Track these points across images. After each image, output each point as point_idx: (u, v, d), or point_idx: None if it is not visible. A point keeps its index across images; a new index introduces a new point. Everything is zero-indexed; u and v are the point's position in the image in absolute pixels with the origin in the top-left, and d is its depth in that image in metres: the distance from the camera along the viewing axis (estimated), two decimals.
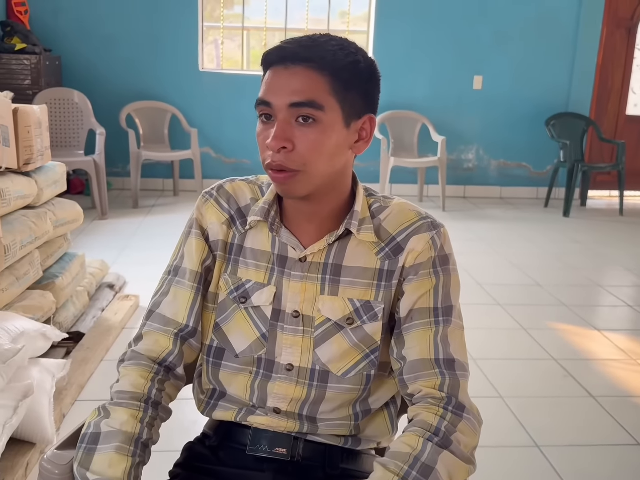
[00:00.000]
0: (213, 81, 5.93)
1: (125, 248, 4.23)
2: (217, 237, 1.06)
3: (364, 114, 0.97)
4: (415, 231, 1.02)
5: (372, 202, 1.06)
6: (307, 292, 1.02)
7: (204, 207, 1.07)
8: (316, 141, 0.92)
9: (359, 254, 1.02)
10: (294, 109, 0.91)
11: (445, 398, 0.96)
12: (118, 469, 0.90)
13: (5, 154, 2.29)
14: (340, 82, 0.92)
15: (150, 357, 1.03)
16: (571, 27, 6.18)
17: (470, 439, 0.94)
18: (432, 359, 0.99)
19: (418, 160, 5.86)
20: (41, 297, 2.45)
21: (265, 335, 1.04)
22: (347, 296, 1.02)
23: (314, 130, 0.92)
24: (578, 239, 5.04)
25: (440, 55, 6.12)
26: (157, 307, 1.06)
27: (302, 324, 1.03)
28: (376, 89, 0.99)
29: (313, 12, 6.17)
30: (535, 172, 6.51)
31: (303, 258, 1.02)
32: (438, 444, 0.91)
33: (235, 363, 1.06)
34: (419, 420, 0.95)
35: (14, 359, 1.82)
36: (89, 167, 4.93)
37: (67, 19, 5.68)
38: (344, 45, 0.94)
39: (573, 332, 3.16)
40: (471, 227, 5.20)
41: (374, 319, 1.02)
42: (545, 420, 2.32)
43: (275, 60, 0.93)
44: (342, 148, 0.96)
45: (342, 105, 0.93)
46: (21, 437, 1.87)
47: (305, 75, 0.91)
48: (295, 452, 1.05)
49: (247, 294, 1.04)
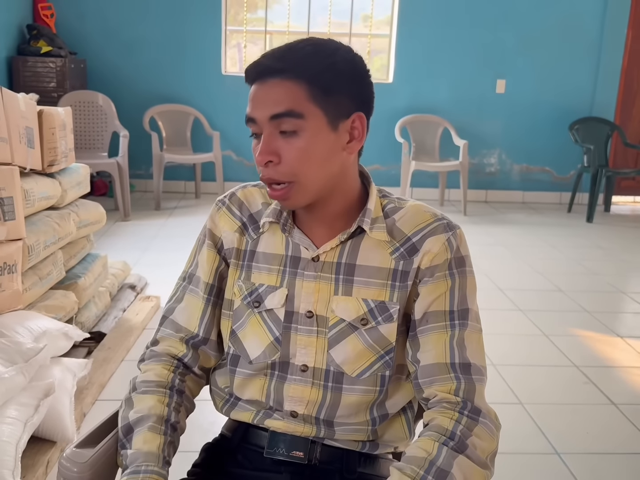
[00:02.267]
0: (235, 85, 5.96)
1: (147, 250, 4.27)
2: (231, 245, 1.07)
3: (352, 113, 0.95)
4: (431, 232, 1.01)
5: (386, 203, 1.05)
6: (320, 292, 1.02)
7: (217, 216, 1.09)
8: (302, 150, 0.92)
9: (373, 253, 1.01)
10: (275, 121, 0.92)
11: (461, 402, 0.95)
12: (153, 445, 0.95)
13: (30, 155, 2.32)
14: (318, 87, 0.91)
15: (169, 354, 1.08)
16: (596, 31, 6.12)
17: (487, 443, 0.93)
18: (448, 363, 0.98)
19: (440, 164, 5.83)
20: (64, 297, 2.48)
21: (279, 339, 1.04)
22: (362, 296, 1.01)
23: (299, 140, 0.92)
24: (601, 245, 4.98)
25: (463, 58, 6.09)
26: (171, 314, 1.10)
27: (317, 325, 1.02)
28: (362, 86, 0.97)
29: (335, 16, 6.18)
30: (558, 177, 6.45)
31: (316, 258, 1.02)
32: (454, 448, 0.90)
33: (249, 369, 1.06)
34: (435, 425, 0.94)
35: (36, 358, 1.84)
36: (112, 169, 4.99)
37: (92, 22, 5.75)
38: (320, 48, 0.93)
39: (595, 338, 3.12)
40: (493, 232, 5.17)
41: (389, 320, 1.01)
42: (565, 428, 2.30)
43: (254, 76, 0.93)
44: (334, 152, 0.95)
45: (325, 110, 0.92)
46: (42, 436, 1.89)
47: (281, 87, 0.91)
48: (312, 456, 1.05)
49: (261, 298, 1.05)
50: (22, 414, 1.74)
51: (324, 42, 0.95)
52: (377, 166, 6.10)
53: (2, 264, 2.02)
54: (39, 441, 1.88)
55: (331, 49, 0.94)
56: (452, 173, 6.00)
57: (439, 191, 6.14)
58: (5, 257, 2.04)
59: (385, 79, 6.24)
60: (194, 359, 1.08)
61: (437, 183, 6.18)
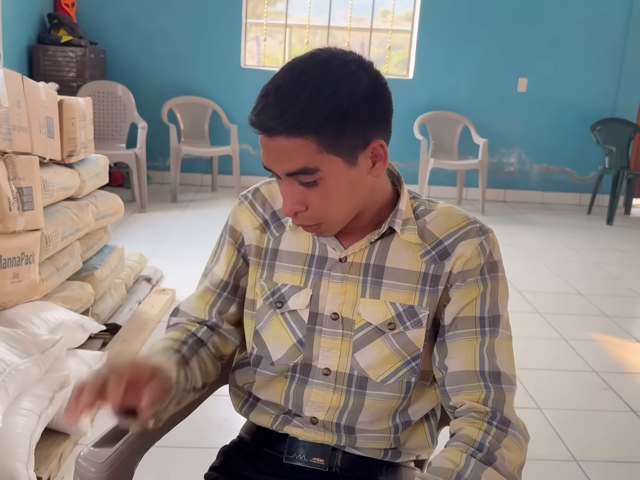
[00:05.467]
0: (254, 78, 5.92)
1: (163, 242, 4.26)
2: (251, 242, 1.05)
3: (369, 142, 0.90)
4: (464, 236, 0.98)
5: (416, 205, 1.02)
6: (347, 294, 0.99)
7: (238, 211, 1.07)
8: (325, 197, 0.90)
9: (403, 256, 0.98)
10: (292, 177, 0.89)
11: (490, 412, 0.92)
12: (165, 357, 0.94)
13: (50, 145, 2.31)
14: (327, 136, 0.85)
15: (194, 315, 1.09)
16: (620, 32, 6.03)
17: (515, 455, 0.90)
18: (477, 371, 0.95)
19: (458, 162, 5.78)
20: (80, 289, 2.47)
21: (302, 341, 1.01)
22: (390, 300, 0.98)
23: (320, 188, 0.89)
24: (622, 248, 4.91)
25: (485, 56, 6.03)
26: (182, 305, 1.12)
27: (342, 327, 1.00)
28: (373, 114, 0.89)
29: (356, 10, 6.14)
30: (579, 178, 6.38)
31: (343, 258, 0.99)
32: (482, 460, 0.87)
33: (270, 371, 1.04)
34: (462, 435, 0.91)
35: (52, 350, 1.83)
36: (130, 161, 4.98)
37: (113, 13, 5.75)
38: (321, 88, 0.84)
39: (615, 344, 3.07)
40: (511, 232, 5.11)
41: (418, 326, 0.98)
42: (584, 434, 2.26)
43: (259, 131, 0.90)
44: (358, 184, 0.92)
45: (339, 154, 0.87)
46: (56, 428, 1.88)
47: (290, 144, 0.85)
48: (333, 463, 1.03)
49: (284, 298, 1.02)
50: (36, 405, 1.73)
51: (325, 76, 0.85)
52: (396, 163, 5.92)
53: (20, 254, 2.01)
54: (52, 433, 1.87)
55: (332, 85, 0.84)
56: (470, 172, 5.95)
57: (457, 190, 6.09)
58: (23, 247, 2.03)
59: (405, 75, 6.19)
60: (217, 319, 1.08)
61: (455, 181, 6.13)
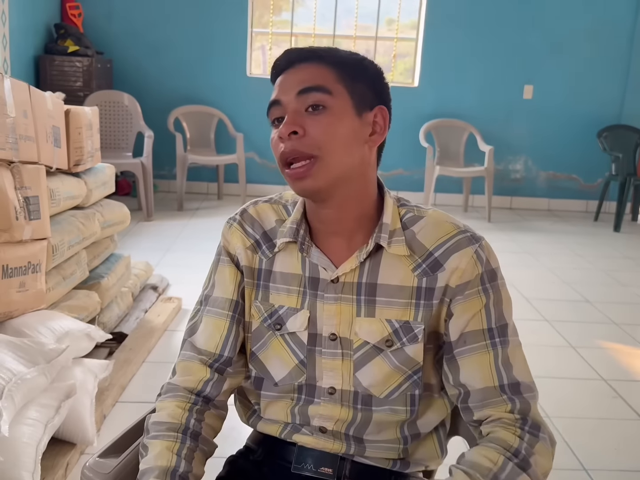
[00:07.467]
0: (260, 87, 5.94)
1: (169, 250, 4.26)
2: (244, 262, 1.03)
3: (375, 106, 0.96)
4: (456, 247, 0.95)
5: (404, 213, 1.00)
6: (342, 315, 0.98)
7: (229, 233, 1.05)
8: (328, 125, 0.91)
9: (394, 271, 0.97)
10: (303, 96, 0.92)
11: (520, 419, 0.93)
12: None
13: (57, 154, 2.32)
14: (347, 73, 0.94)
15: (187, 387, 1.01)
16: (626, 38, 6.03)
17: (546, 461, 0.91)
18: (497, 386, 0.94)
19: (464, 169, 5.77)
20: (86, 297, 2.47)
21: (304, 361, 1.00)
22: (385, 317, 0.97)
23: (325, 117, 0.92)
24: (629, 255, 4.89)
25: (490, 63, 6.03)
26: (190, 336, 1.04)
27: (341, 347, 0.99)
28: (384, 87, 0.99)
29: (362, 19, 6.15)
30: (585, 185, 6.36)
31: (335, 279, 0.98)
32: (518, 465, 0.89)
33: (274, 392, 1.03)
34: (497, 438, 0.92)
35: (58, 359, 1.83)
36: (136, 170, 5.00)
37: (119, 23, 5.78)
38: (351, 51, 0.99)
39: (623, 351, 3.05)
40: (517, 239, 5.10)
41: (413, 341, 0.97)
42: (593, 443, 2.24)
43: (284, 65, 0.95)
44: (357, 139, 0.94)
45: (351, 93, 0.93)
46: (62, 437, 1.88)
47: (312, 67, 0.93)
48: (341, 473, 1.02)
49: (282, 320, 1.01)
50: (42, 415, 1.72)
51: None
52: (401, 170, 6.06)
53: (27, 263, 2.01)
54: (58, 443, 1.87)
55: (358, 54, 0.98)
56: (476, 179, 5.94)
57: (463, 197, 6.08)
58: (30, 256, 2.03)
59: (411, 83, 6.19)
60: (217, 384, 1.01)
61: (461, 189, 6.12)
